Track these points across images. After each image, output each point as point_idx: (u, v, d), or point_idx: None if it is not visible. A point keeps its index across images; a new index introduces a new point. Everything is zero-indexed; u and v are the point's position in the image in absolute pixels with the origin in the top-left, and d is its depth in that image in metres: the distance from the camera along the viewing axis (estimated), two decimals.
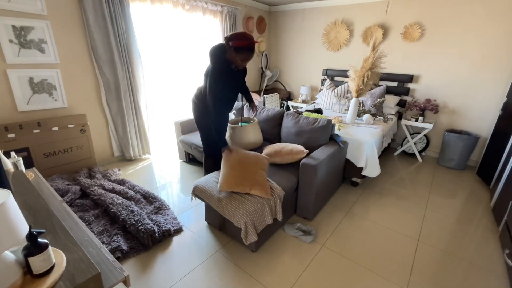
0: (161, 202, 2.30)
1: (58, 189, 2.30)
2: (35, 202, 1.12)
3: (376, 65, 2.92)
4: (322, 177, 2.15)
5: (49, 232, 0.93)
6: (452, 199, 2.63)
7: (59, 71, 2.59)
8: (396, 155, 3.77)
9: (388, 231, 2.11)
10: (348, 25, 4.09)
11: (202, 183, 1.95)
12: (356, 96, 3.07)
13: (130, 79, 3.01)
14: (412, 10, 3.48)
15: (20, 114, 2.46)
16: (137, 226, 1.88)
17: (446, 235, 2.07)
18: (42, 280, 0.73)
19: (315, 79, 4.77)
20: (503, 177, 2.32)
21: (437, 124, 3.64)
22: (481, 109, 3.28)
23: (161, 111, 3.63)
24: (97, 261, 0.97)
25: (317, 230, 2.08)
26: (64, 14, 2.52)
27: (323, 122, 2.41)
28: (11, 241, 0.67)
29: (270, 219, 1.77)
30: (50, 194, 1.45)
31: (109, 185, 2.42)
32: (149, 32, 3.20)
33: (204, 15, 3.74)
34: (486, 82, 3.18)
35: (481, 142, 3.32)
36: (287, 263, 1.75)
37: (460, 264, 1.79)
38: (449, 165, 3.37)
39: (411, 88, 3.75)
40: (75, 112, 2.80)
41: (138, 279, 1.60)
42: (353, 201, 2.52)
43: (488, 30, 3.04)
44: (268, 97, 4.47)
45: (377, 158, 2.63)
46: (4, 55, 2.27)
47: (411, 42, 3.56)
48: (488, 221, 2.27)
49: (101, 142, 3.10)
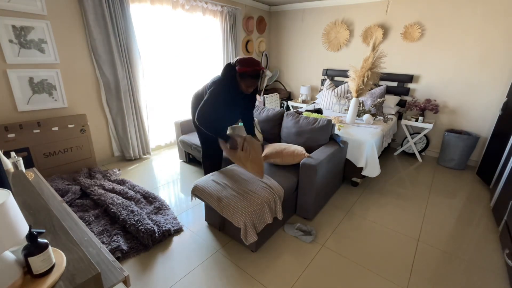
0: (161, 202, 2.30)
1: (58, 189, 2.30)
2: (35, 202, 1.12)
3: (376, 65, 2.92)
4: (322, 177, 2.15)
5: (49, 232, 0.93)
6: (452, 199, 2.63)
7: (59, 71, 2.59)
8: (396, 155, 3.77)
9: (388, 231, 2.11)
10: (348, 25, 4.09)
11: (201, 183, 1.95)
12: (356, 96, 3.07)
13: (130, 79, 3.01)
14: (412, 10, 3.48)
15: (20, 114, 2.46)
16: (137, 226, 1.88)
17: (446, 235, 2.07)
18: (42, 280, 0.73)
19: (315, 79, 4.77)
20: (503, 177, 2.32)
21: (437, 124, 3.64)
22: (481, 109, 3.28)
23: (161, 111, 3.63)
24: (97, 261, 0.97)
25: (317, 230, 2.08)
26: (64, 14, 2.52)
27: (323, 122, 2.41)
28: (11, 241, 0.67)
29: (270, 218, 1.77)
30: (50, 194, 1.45)
31: (109, 185, 2.42)
32: (149, 32, 3.20)
33: (204, 15, 3.74)
34: (486, 82, 3.18)
35: (481, 142, 3.32)
36: (287, 263, 1.75)
37: (460, 264, 1.79)
38: (449, 165, 3.37)
39: (411, 88, 3.75)
40: (75, 112, 2.80)
41: (138, 279, 1.60)
42: (353, 201, 2.52)
43: (488, 30, 3.04)
44: (268, 97, 4.47)
45: (377, 158, 2.63)
46: (4, 55, 2.26)
47: (411, 42, 3.56)
48: (488, 221, 2.27)
49: (101, 142, 3.10)
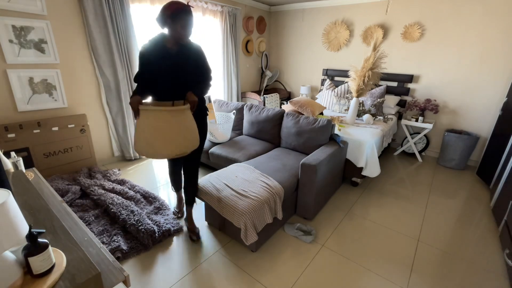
0: (161, 202, 2.30)
1: (58, 189, 2.29)
2: (35, 202, 1.12)
3: (377, 65, 2.92)
4: (322, 177, 2.15)
5: (49, 232, 0.93)
6: (452, 199, 2.63)
7: (59, 71, 2.59)
8: (396, 155, 3.77)
9: (388, 231, 2.11)
10: (348, 25, 4.09)
11: (201, 183, 1.95)
12: (356, 96, 3.07)
13: (130, 79, 3.01)
14: (412, 10, 3.48)
15: (20, 114, 2.46)
16: (137, 226, 1.88)
17: (446, 235, 2.07)
18: (42, 280, 0.73)
19: (315, 79, 4.77)
20: (503, 177, 2.32)
21: (437, 124, 3.64)
22: (481, 109, 3.28)
23: None
24: (97, 261, 0.97)
25: (317, 230, 2.08)
26: (64, 14, 2.52)
27: (323, 122, 2.41)
28: (11, 241, 0.67)
29: (270, 218, 1.77)
30: (50, 194, 1.45)
31: (109, 185, 2.42)
32: (149, 32, 3.19)
33: (204, 15, 3.74)
34: (486, 82, 3.18)
35: (481, 142, 3.32)
36: (287, 263, 1.75)
37: (460, 264, 1.79)
38: (449, 165, 3.37)
39: (411, 88, 3.75)
40: (75, 112, 2.80)
41: (138, 279, 1.60)
42: (353, 201, 2.52)
43: (488, 30, 3.04)
44: (268, 97, 4.47)
45: (377, 158, 2.63)
46: (4, 55, 2.26)
47: (411, 42, 3.56)
48: (488, 221, 2.27)
49: (101, 142, 3.10)
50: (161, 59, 1.60)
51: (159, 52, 1.60)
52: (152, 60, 1.60)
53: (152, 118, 1.43)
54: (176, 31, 1.53)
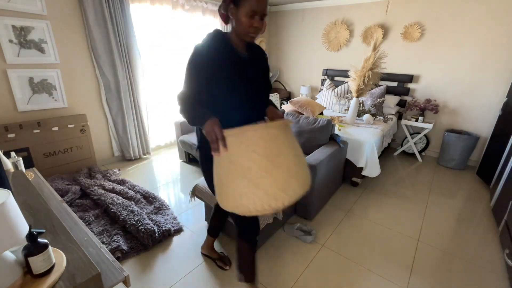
0: (161, 202, 2.30)
1: (58, 189, 2.29)
2: (35, 202, 1.12)
3: (377, 65, 2.92)
4: (322, 177, 2.15)
5: (49, 232, 0.93)
6: (452, 199, 2.63)
7: (59, 71, 2.59)
8: (396, 155, 3.77)
9: (388, 231, 2.11)
10: (348, 25, 4.09)
11: (202, 183, 1.95)
12: (356, 96, 3.07)
13: (130, 79, 3.01)
14: (412, 10, 3.48)
15: (20, 114, 2.46)
16: (137, 226, 1.88)
17: (446, 235, 2.07)
18: (42, 280, 0.73)
19: (315, 79, 4.77)
20: (503, 177, 2.32)
21: (437, 124, 3.64)
22: (481, 109, 3.28)
23: (161, 111, 3.63)
24: (97, 261, 0.97)
25: (317, 230, 2.08)
26: (64, 14, 2.52)
27: (323, 122, 2.41)
28: (11, 241, 0.67)
29: (270, 218, 1.77)
30: (50, 194, 1.45)
31: (109, 185, 2.42)
32: (149, 32, 3.20)
33: (204, 15, 3.74)
34: (486, 82, 3.18)
35: (481, 142, 3.32)
36: (287, 263, 1.75)
37: (460, 264, 1.79)
38: (449, 165, 3.37)
39: (411, 88, 3.75)
40: (75, 112, 2.80)
41: (138, 279, 1.60)
42: (353, 201, 2.52)
43: (488, 30, 3.04)
44: None
45: (377, 158, 2.63)
46: (4, 55, 2.27)
47: (411, 42, 3.56)
48: (488, 221, 2.27)
49: (101, 142, 3.10)
50: (233, 69, 1.09)
51: (229, 58, 1.09)
52: (224, 71, 1.08)
53: (251, 142, 0.85)
54: (245, 23, 1.00)
